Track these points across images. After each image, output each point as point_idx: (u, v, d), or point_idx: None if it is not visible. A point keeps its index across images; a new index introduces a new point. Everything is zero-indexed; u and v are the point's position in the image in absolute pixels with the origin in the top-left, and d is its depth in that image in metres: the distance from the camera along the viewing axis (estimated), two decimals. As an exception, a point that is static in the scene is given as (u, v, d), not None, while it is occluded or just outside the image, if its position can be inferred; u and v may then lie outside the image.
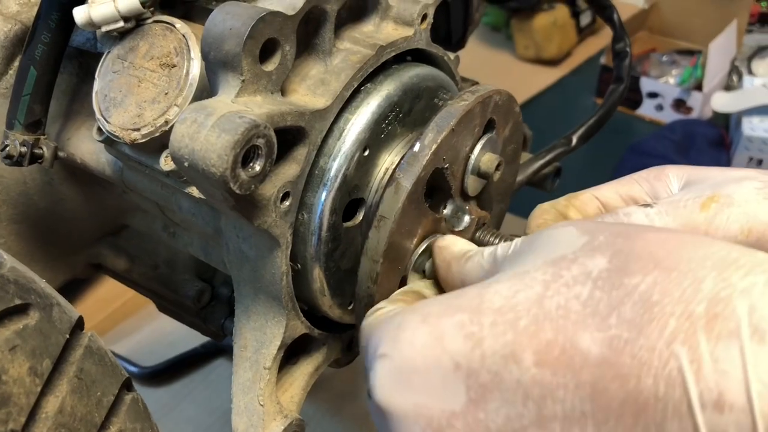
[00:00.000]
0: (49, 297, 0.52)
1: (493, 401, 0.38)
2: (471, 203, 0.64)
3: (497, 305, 0.39)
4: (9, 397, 0.45)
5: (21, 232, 0.76)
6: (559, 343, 0.36)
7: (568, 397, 0.36)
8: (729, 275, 0.34)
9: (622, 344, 0.35)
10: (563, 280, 0.38)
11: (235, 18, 0.50)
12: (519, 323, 0.38)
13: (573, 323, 0.37)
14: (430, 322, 0.41)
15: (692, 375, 0.33)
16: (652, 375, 0.34)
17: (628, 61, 0.92)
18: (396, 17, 0.63)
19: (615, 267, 0.37)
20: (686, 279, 0.35)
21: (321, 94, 0.57)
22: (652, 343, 0.34)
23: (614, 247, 0.39)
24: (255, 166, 0.48)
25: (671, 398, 0.33)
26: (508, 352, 0.38)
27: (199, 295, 0.81)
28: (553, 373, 0.36)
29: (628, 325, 0.35)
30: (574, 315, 0.37)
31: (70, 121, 0.70)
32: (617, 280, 0.37)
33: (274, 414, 0.62)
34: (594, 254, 0.39)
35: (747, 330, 0.33)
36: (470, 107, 0.57)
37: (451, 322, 0.40)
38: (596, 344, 0.35)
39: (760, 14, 2.46)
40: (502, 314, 0.39)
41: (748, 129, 1.99)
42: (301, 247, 0.59)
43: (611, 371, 0.35)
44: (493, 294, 0.40)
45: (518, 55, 2.55)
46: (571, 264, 0.39)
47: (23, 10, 0.69)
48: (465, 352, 0.39)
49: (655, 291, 0.35)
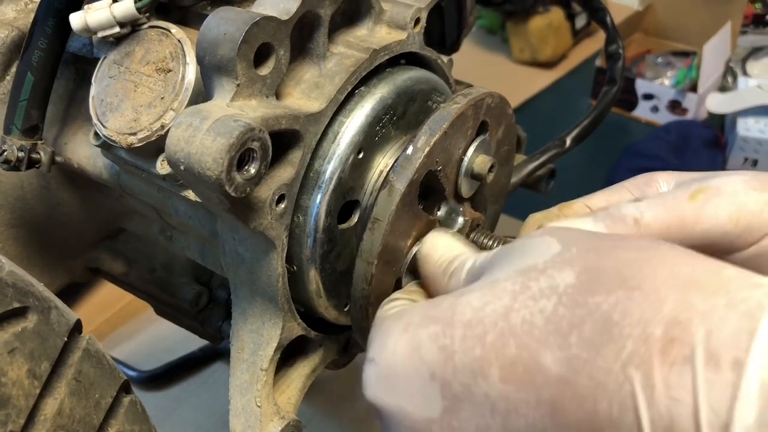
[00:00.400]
0: (47, 300, 0.53)
1: (464, 411, 0.39)
2: (465, 205, 0.65)
3: (467, 318, 0.40)
4: (8, 399, 0.46)
5: (19, 236, 0.77)
6: (523, 361, 0.37)
7: (530, 413, 0.37)
8: (690, 296, 0.34)
9: (580, 364, 0.35)
10: (530, 293, 0.39)
11: (230, 23, 0.51)
12: (486, 338, 0.39)
13: (536, 340, 0.37)
14: (410, 332, 0.43)
15: (644, 401, 0.33)
16: (607, 398, 0.34)
17: (621, 63, 0.93)
18: (389, 21, 0.64)
19: (581, 283, 0.38)
20: (648, 299, 0.35)
21: (315, 97, 0.57)
22: (608, 365, 0.34)
23: (584, 261, 0.39)
24: (250, 169, 0.49)
25: (624, 423, 0.33)
26: (477, 367, 0.39)
27: (197, 298, 0.81)
28: (517, 389, 0.37)
29: (587, 344, 0.35)
30: (538, 331, 0.37)
31: (67, 126, 0.70)
32: (581, 298, 0.37)
33: (272, 415, 0.62)
34: (563, 267, 0.39)
35: (702, 356, 0.32)
36: (462, 110, 0.58)
37: (426, 333, 0.42)
38: (556, 363, 0.36)
39: (754, 15, 2.47)
40: (471, 328, 0.40)
41: (743, 130, 1.99)
42: (297, 249, 0.59)
43: (569, 391, 0.35)
44: (465, 305, 0.41)
45: (514, 58, 2.56)
46: (540, 275, 0.39)
47: (20, 17, 0.70)
48: (439, 363, 0.41)
49: (617, 311, 0.35)
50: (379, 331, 0.45)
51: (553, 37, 2.48)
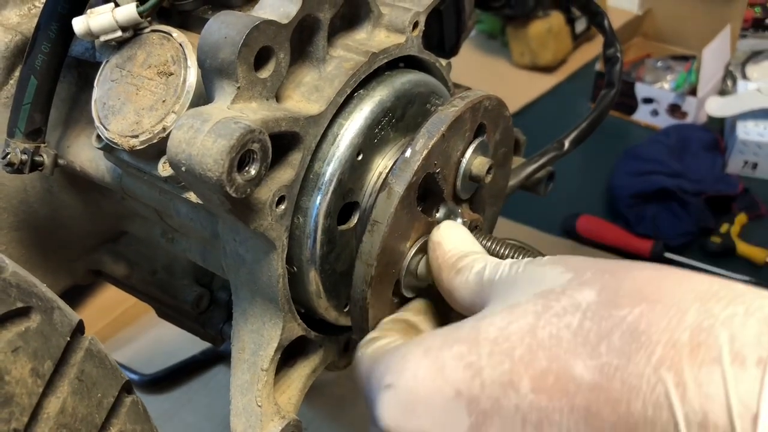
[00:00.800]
0: (50, 301, 0.54)
1: (493, 426, 0.41)
2: (463, 206, 0.65)
3: (493, 336, 0.42)
4: (12, 397, 0.46)
5: (22, 239, 0.77)
6: (554, 371, 0.39)
7: (563, 421, 0.39)
8: (711, 306, 0.37)
9: (612, 371, 0.37)
10: (553, 311, 0.41)
11: (230, 27, 0.51)
12: (515, 352, 0.41)
13: (565, 351, 0.39)
14: (432, 355, 0.44)
15: (678, 398, 0.35)
16: (641, 399, 0.36)
17: (619, 67, 0.94)
18: (388, 25, 0.64)
19: (603, 300, 0.40)
20: (671, 310, 0.38)
21: (315, 100, 0.58)
22: (640, 370, 0.37)
23: (602, 282, 0.41)
24: (250, 170, 0.50)
25: (659, 420, 0.36)
26: (506, 380, 0.40)
27: (198, 299, 0.82)
28: (549, 398, 0.39)
29: (617, 352, 0.38)
30: (566, 343, 0.39)
31: (70, 129, 0.71)
32: (605, 312, 0.39)
33: (272, 415, 0.63)
34: (582, 288, 0.41)
35: (728, 356, 0.35)
36: (460, 113, 0.59)
37: (450, 354, 0.43)
38: (588, 371, 0.38)
39: (754, 19, 2.48)
40: (498, 344, 0.41)
41: (743, 133, 2.00)
42: (297, 250, 0.60)
43: (603, 396, 0.37)
44: (488, 325, 0.43)
45: (514, 62, 2.57)
46: (560, 296, 0.41)
47: (23, 22, 0.71)
48: (465, 380, 0.42)
49: (642, 321, 0.38)
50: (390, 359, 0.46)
51: (553, 42, 2.48)
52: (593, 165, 2.12)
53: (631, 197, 1.88)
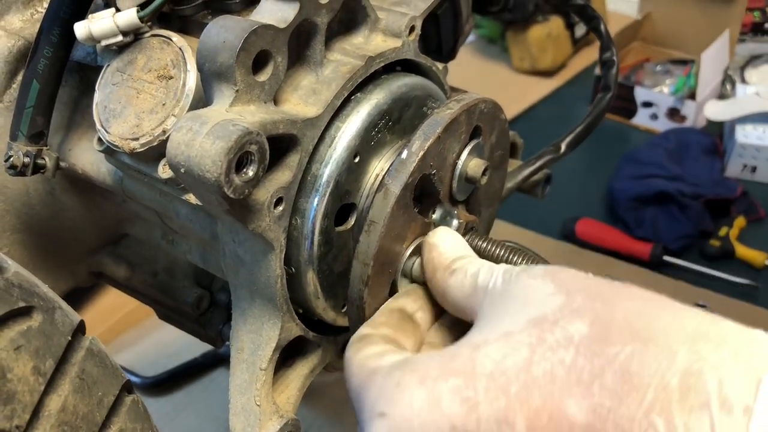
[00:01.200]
0: (51, 301, 0.55)
1: None
2: (460, 208, 0.66)
3: (489, 370, 0.42)
4: (14, 394, 0.47)
5: (24, 241, 0.78)
6: (548, 410, 0.40)
7: None
8: (700, 348, 0.38)
9: (605, 412, 0.38)
10: (547, 344, 0.42)
11: (229, 31, 0.52)
12: (510, 389, 0.41)
13: (559, 389, 0.40)
14: (428, 385, 0.44)
15: None
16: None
17: (615, 70, 0.95)
18: (385, 29, 0.65)
19: (595, 334, 0.41)
20: (662, 351, 0.39)
21: (312, 103, 0.59)
22: (632, 413, 0.38)
23: (593, 312, 0.42)
24: (248, 171, 0.51)
25: None
26: (502, 417, 0.41)
27: (198, 301, 0.83)
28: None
29: (609, 393, 0.39)
30: (560, 381, 0.40)
31: (72, 132, 0.72)
32: (598, 348, 0.40)
33: (271, 414, 0.64)
34: (573, 319, 0.42)
35: (716, 402, 0.36)
36: (455, 115, 0.59)
37: (447, 386, 0.43)
38: (582, 411, 0.39)
39: (753, 24, 2.49)
40: (494, 379, 0.42)
41: (742, 136, 2.01)
42: (295, 251, 0.61)
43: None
44: (484, 357, 0.43)
45: (514, 67, 2.58)
46: (554, 327, 0.42)
47: (26, 26, 0.72)
48: (461, 415, 0.42)
49: (634, 362, 0.39)
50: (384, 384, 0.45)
51: (553, 46, 2.49)
52: (593, 168, 2.13)
53: (631, 200, 1.89)
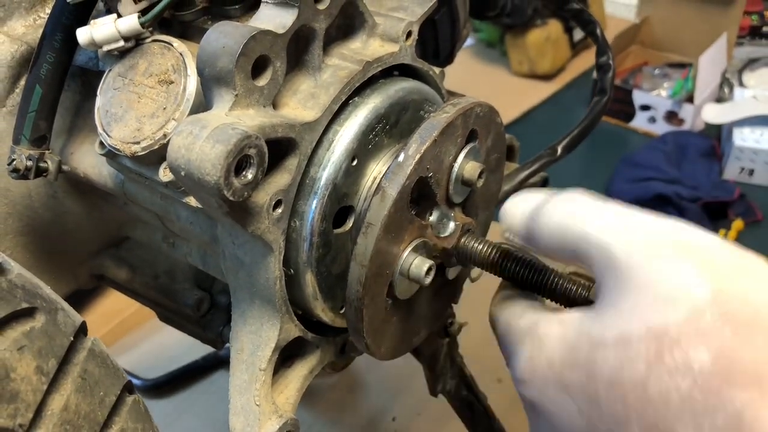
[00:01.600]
0: (54, 302, 0.55)
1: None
2: (456, 210, 0.67)
3: (606, 376, 0.44)
4: (17, 393, 0.48)
5: (26, 244, 0.79)
6: (661, 429, 0.42)
7: None
8: None
9: None
10: (666, 366, 0.42)
11: (228, 37, 0.53)
12: (627, 399, 0.43)
13: (673, 415, 0.41)
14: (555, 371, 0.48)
15: None
16: None
17: (612, 74, 0.96)
18: (382, 34, 0.66)
19: (717, 369, 0.40)
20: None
21: (311, 107, 0.60)
22: None
23: (720, 341, 0.41)
24: (247, 174, 0.51)
25: None
26: (621, 419, 0.44)
27: (198, 303, 0.84)
28: None
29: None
30: (674, 408, 0.41)
31: (74, 136, 0.73)
32: (716, 386, 0.40)
33: (270, 414, 0.65)
34: (698, 345, 0.41)
35: None
36: (452, 119, 0.60)
37: (571, 377, 0.47)
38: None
39: (750, 27, 2.50)
40: (612, 388, 0.44)
41: (739, 139, 2.02)
42: (294, 252, 0.62)
43: None
44: (603, 362, 0.45)
45: (513, 71, 2.59)
46: (674, 347, 0.42)
47: (29, 32, 0.73)
48: (585, 405, 0.46)
49: (748, 410, 0.39)
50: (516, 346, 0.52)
51: (552, 50, 2.51)
52: (591, 171, 2.15)
53: (629, 203, 1.89)
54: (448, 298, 0.74)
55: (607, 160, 2.11)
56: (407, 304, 0.66)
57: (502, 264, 0.63)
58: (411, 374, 1.36)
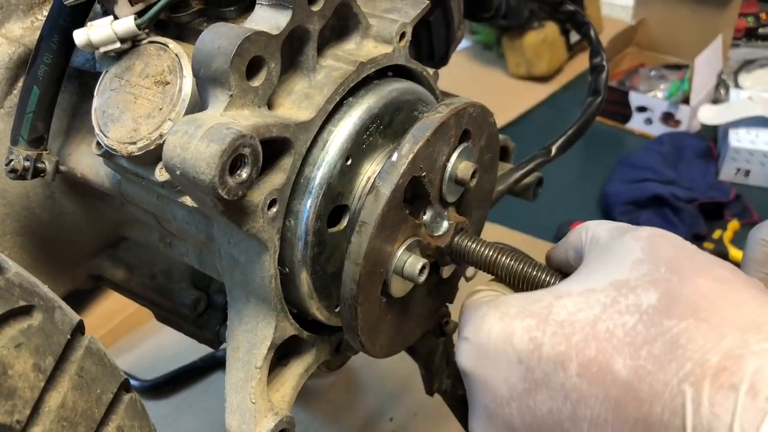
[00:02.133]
0: (51, 300, 0.56)
1: (540, 394, 0.48)
2: (450, 209, 0.67)
3: (561, 318, 0.48)
4: (15, 390, 0.49)
5: (24, 244, 0.80)
6: (598, 362, 0.45)
7: (596, 406, 0.45)
8: (748, 337, 0.42)
9: (645, 374, 0.43)
10: (618, 307, 0.46)
11: (223, 38, 0.54)
12: (573, 338, 0.47)
13: (613, 347, 0.45)
14: (505, 321, 0.51)
15: (691, 411, 0.41)
16: (662, 404, 0.42)
17: (605, 75, 0.96)
18: (376, 35, 0.67)
19: (661, 306, 0.45)
20: (712, 332, 0.42)
21: (305, 107, 0.60)
22: (668, 379, 0.42)
23: (667, 285, 0.46)
24: (242, 173, 0.52)
25: (672, 425, 0.41)
26: (559, 360, 0.47)
27: (195, 303, 0.84)
28: (589, 384, 0.45)
29: (653, 359, 0.43)
30: (616, 341, 0.45)
31: (71, 137, 0.74)
32: (657, 319, 0.44)
33: (266, 411, 0.65)
34: (649, 289, 0.46)
35: (745, 386, 0.40)
36: (444, 119, 0.61)
37: (521, 325, 0.50)
38: (626, 369, 0.44)
39: (746, 29, 2.51)
40: (562, 327, 0.48)
41: (735, 140, 2.02)
42: (289, 251, 0.62)
43: (632, 394, 0.43)
44: (561, 308, 0.49)
45: (510, 73, 2.60)
46: (629, 293, 0.47)
47: (26, 34, 0.73)
48: (527, 351, 0.49)
49: (684, 336, 0.43)
50: (473, 314, 0.54)
51: (548, 52, 2.52)
52: (588, 173, 2.15)
53: (625, 204, 1.90)
54: (443, 297, 0.75)
55: (603, 162, 2.11)
56: (402, 302, 0.67)
57: (496, 262, 0.64)
58: (408, 374, 1.37)
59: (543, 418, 0.48)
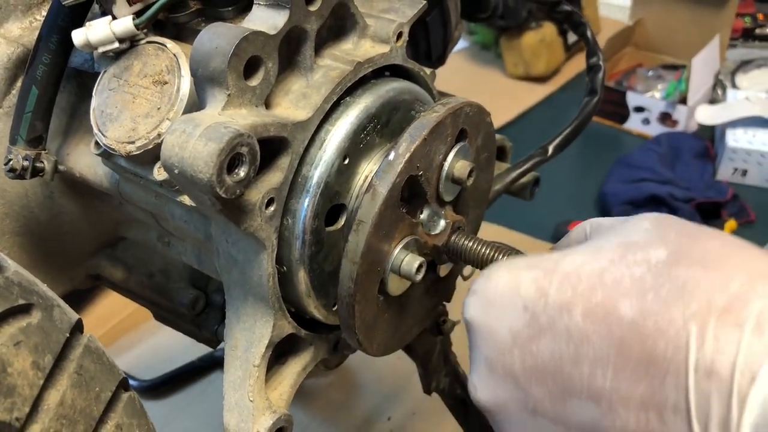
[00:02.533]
0: (50, 299, 0.56)
1: (544, 339, 0.48)
2: (447, 208, 0.68)
3: (567, 270, 0.49)
4: (14, 388, 0.49)
5: (23, 244, 0.80)
6: (604, 305, 0.46)
7: (599, 343, 0.46)
8: (755, 283, 0.42)
9: (650, 314, 0.44)
10: (626, 261, 0.47)
11: (221, 38, 0.54)
12: (579, 287, 0.48)
13: (619, 293, 0.46)
14: (513, 273, 0.52)
15: (695, 346, 0.42)
16: (665, 340, 0.43)
17: (602, 75, 0.97)
18: (373, 35, 0.67)
19: (670, 260, 0.46)
20: (720, 277, 0.43)
21: (303, 107, 0.61)
22: (672, 317, 0.43)
23: (677, 244, 0.47)
24: (239, 172, 0.53)
25: (675, 359, 0.42)
26: (565, 306, 0.48)
27: (194, 302, 0.84)
28: (593, 324, 0.46)
29: (660, 301, 0.44)
30: (623, 288, 0.46)
31: (70, 137, 0.74)
32: (666, 270, 0.45)
33: (264, 409, 0.65)
34: (659, 246, 0.47)
35: (751, 323, 0.40)
36: (441, 118, 0.61)
37: (528, 275, 0.51)
38: (631, 310, 0.45)
39: (743, 29, 2.52)
40: (568, 277, 0.49)
41: (732, 140, 2.03)
42: (286, 250, 0.63)
43: (636, 331, 0.44)
44: (569, 262, 0.50)
45: (508, 73, 2.60)
46: (637, 249, 0.48)
47: (25, 34, 0.73)
48: (533, 299, 0.50)
49: (691, 281, 0.44)
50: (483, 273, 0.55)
51: (546, 52, 2.52)
52: (585, 173, 2.16)
53: (623, 204, 1.91)
54: (441, 295, 0.76)
55: (601, 162, 2.12)
56: (399, 300, 0.67)
57: (493, 261, 0.64)
58: (406, 374, 1.37)
59: (544, 362, 0.48)
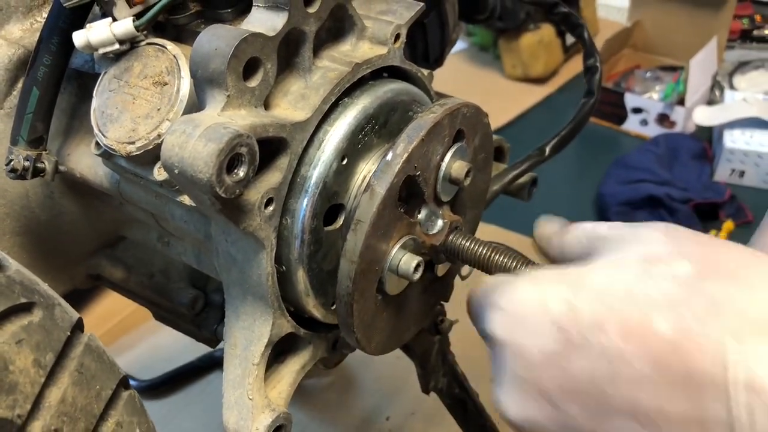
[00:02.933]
0: (51, 298, 0.57)
1: (577, 356, 0.48)
2: (444, 208, 0.68)
3: (595, 286, 0.49)
4: (15, 385, 0.50)
5: (23, 244, 0.81)
6: (638, 321, 0.46)
7: (637, 361, 0.46)
8: None
9: (687, 330, 0.45)
10: (652, 275, 0.48)
11: (220, 39, 0.55)
12: (610, 303, 0.48)
13: (652, 308, 0.46)
14: (539, 287, 0.52)
15: (733, 360, 0.42)
16: (704, 356, 0.44)
17: (598, 76, 0.97)
18: (371, 37, 0.68)
19: (696, 272, 0.47)
20: (750, 289, 0.45)
21: (301, 107, 0.61)
22: (709, 332, 0.44)
23: (699, 255, 0.48)
24: (239, 172, 0.53)
25: (715, 375, 0.43)
26: (598, 323, 0.48)
27: (193, 302, 0.85)
28: (629, 343, 0.46)
29: (695, 316, 0.45)
30: (655, 303, 0.46)
31: (70, 137, 0.74)
32: (693, 283, 0.46)
33: (263, 407, 0.66)
34: (681, 259, 0.48)
35: None
36: (439, 119, 0.62)
37: (555, 289, 0.51)
38: (667, 326, 0.45)
39: (741, 31, 2.53)
40: (598, 294, 0.49)
41: (730, 142, 2.04)
42: (285, 250, 0.63)
43: (674, 347, 0.45)
44: (594, 276, 0.50)
45: (506, 74, 2.61)
46: (660, 263, 0.48)
47: (26, 36, 0.74)
48: (563, 316, 0.49)
49: (721, 295, 0.45)
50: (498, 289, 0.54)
51: (545, 53, 2.53)
52: (583, 174, 2.16)
53: (621, 205, 1.91)
54: (439, 295, 0.76)
55: (599, 162, 2.13)
56: (397, 300, 0.67)
57: (490, 260, 0.65)
58: (405, 374, 1.37)
59: (578, 380, 0.48)
